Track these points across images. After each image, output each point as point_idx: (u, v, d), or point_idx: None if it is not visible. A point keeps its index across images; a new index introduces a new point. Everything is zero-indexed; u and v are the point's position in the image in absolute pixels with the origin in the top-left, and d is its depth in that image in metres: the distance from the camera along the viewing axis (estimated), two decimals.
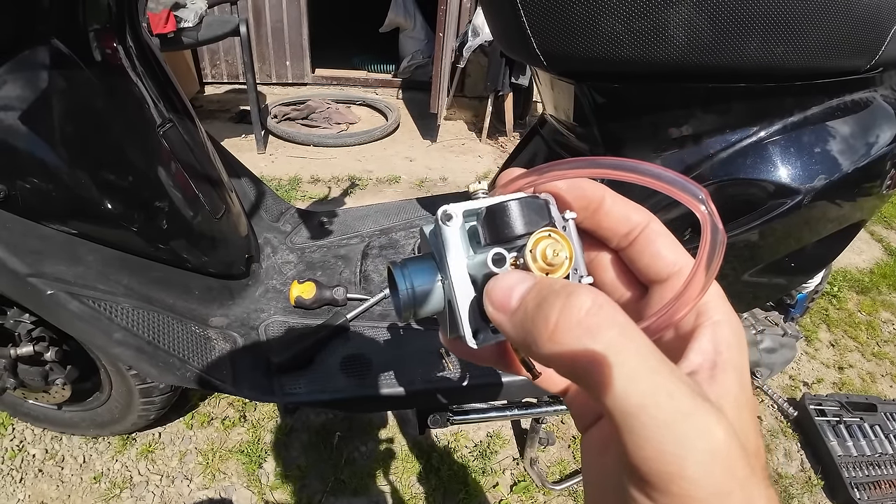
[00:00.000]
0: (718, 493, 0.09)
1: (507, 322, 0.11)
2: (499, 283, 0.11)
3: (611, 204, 0.13)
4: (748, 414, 0.11)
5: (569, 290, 0.10)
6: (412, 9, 2.41)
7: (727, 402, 0.11)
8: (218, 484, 0.78)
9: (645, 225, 0.13)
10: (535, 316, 0.10)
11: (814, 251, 0.51)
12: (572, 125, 0.54)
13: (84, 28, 0.49)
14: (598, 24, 0.38)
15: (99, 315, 0.45)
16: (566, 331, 0.09)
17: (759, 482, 0.09)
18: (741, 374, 0.11)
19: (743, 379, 0.11)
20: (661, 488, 0.09)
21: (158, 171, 0.55)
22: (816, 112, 0.45)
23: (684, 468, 0.08)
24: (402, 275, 0.13)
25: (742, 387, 0.11)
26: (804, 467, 0.89)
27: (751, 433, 0.11)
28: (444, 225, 0.12)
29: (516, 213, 0.12)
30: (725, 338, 0.11)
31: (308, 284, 0.63)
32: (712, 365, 0.11)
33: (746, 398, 0.11)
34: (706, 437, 0.09)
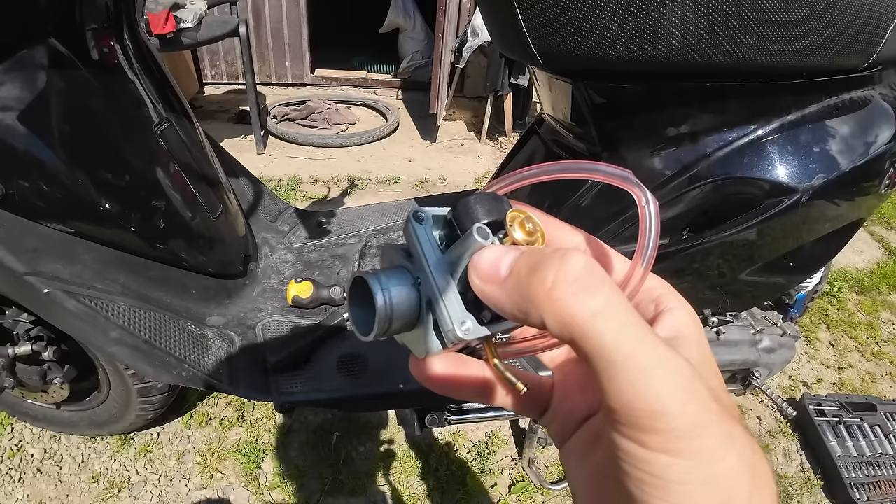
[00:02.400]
0: (697, 425, 0.10)
1: (499, 291, 0.11)
2: (484, 257, 0.11)
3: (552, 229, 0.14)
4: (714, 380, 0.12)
5: (562, 253, 0.11)
6: (412, 9, 2.41)
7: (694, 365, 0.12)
8: (216, 484, 0.78)
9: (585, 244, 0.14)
10: (530, 279, 0.11)
11: (812, 250, 0.51)
12: (570, 124, 0.54)
13: (81, 28, 0.49)
14: (595, 23, 0.38)
15: (96, 314, 0.45)
16: (564, 288, 0.10)
17: (736, 423, 0.10)
18: (701, 349, 0.13)
19: (703, 353, 0.13)
20: (647, 428, 0.10)
21: (156, 171, 0.55)
22: (814, 110, 0.45)
23: (666, 405, 0.09)
24: (378, 281, 0.12)
25: (704, 358, 0.12)
26: (804, 467, 0.89)
27: (721, 393, 0.12)
28: (416, 223, 0.12)
29: (482, 202, 0.12)
30: (682, 319, 0.13)
31: (305, 284, 0.63)
32: (673, 338, 0.13)
33: (711, 368, 0.12)
34: (681, 377, 0.10)
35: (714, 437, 0.10)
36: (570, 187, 0.53)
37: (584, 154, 0.53)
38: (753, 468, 0.10)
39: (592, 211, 0.51)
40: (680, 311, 0.13)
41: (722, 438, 0.10)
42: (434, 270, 0.12)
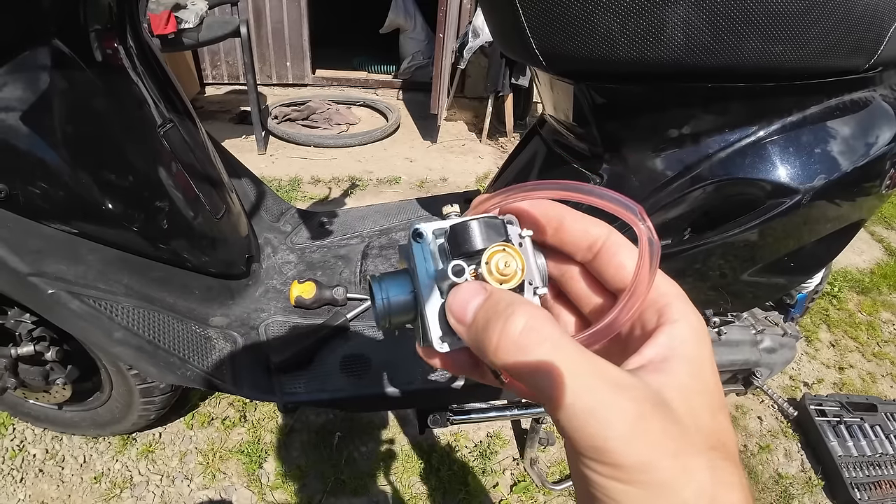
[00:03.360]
0: (645, 462, 0.10)
1: (465, 332, 0.13)
2: (457, 297, 0.13)
3: (570, 222, 0.14)
4: (701, 399, 0.12)
5: (508, 313, 0.12)
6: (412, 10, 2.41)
7: (672, 388, 0.12)
8: (218, 484, 0.78)
9: (605, 238, 0.15)
10: (483, 334, 0.12)
11: (813, 251, 0.51)
12: (571, 125, 0.54)
13: (85, 29, 0.49)
14: (597, 24, 0.39)
15: (99, 314, 0.45)
16: (505, 349, 0.12)
17: (699, 455, 0.11)
18: (695, 366, 0.13)
19: (697, 369, 0.13)
20: (600, 461, 0.11)
21: (159, 172, 0.55)
22: (815, 112, 0.45)
23: (607, 443, 0.10)
24: (380, 287, 0.14)
25: (694, 376, 0.12)
26: (804, 467, 0.89)
27: (703, 415, 0.12)
28: (414, 242, 0.14)
29: (475, 231, 0.13)
30: (681, 334, 0.13)
31: (308, 284, 0.63)
32: (664, 358, 0.13)
33: (701, 386, 0.12)
34: (625, 419, 0.11)
35: (666, 472, 0.10)
36: None
37: (586, 154, 0.53)
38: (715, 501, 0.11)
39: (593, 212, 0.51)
40: (682, 325, 0.13)
41: (676, 473, 0.10)
42: (424, 289, 0.13)
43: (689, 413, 0.12)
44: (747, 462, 0.89)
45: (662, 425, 0.11)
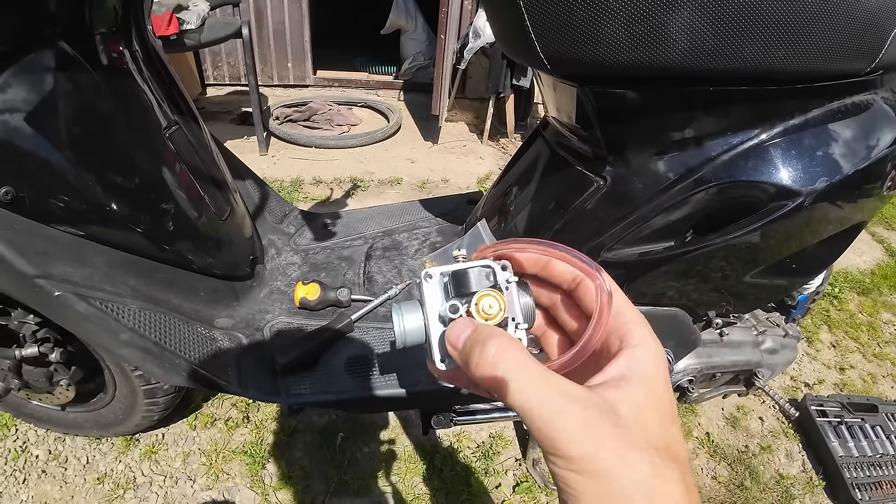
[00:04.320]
0: (589, 454, 0.13)
1: (458, 356, 0.16)
2: (452, 330, 0.17)
3: (556, 262, 0.18)
4: (652, 413, 0.15)
5: (484, 341, 0.15)
6: (413, 11, 2.42)
7: (625, 402, 0.15)
8: (221, 485, 0.78)
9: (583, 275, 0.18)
10: (468, 356, 0.16)
11: (815, 252, 0.51)
12: (575, 127, 0.54)
13: (91, 31, 0.49)
14: (602, 28, 0.39)
15: (106, 316, 0.45)
16: (482, 367, 0.15)
17: (640, 451, 0.14)
18: (649, 385, 0.15)
19: (650, 388, 0.15)
20: (556, 455, 0.14)
21: (164, 174, 0.56)
22: (817, 115, 0.46)
23: (560, 441, 0.14)
24: (399, 316, 0.18)
25: (647, 393, 0.15)
26: (806, 468, 0.89)
27: (653, 426, 0.15)
28: (425, 282, 0.17)
29: (471, 278, 0.17)
30: (639, 358, 0.16)
31: (312, 286, 0.63)
32: (622, 377, 0.15)
33: (653, 403, 0.15)
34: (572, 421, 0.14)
35: (607, 462, 0.13)
36: (575, 191, 0.53)
37: (589, 156, 0.53)
38: (652, 490, 0.13)
39: (597, 214, 0.52)
40: (640, 350, 0.16)
41: (616, 463, 0.13)
42: (430, 320, 0.17)
43: (638, 423, 0.14)
44: (748, 462, 0.89)
45: (607, 428, 0.14)
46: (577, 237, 0.53)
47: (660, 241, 0.50)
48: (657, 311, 0.55)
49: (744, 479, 0.86)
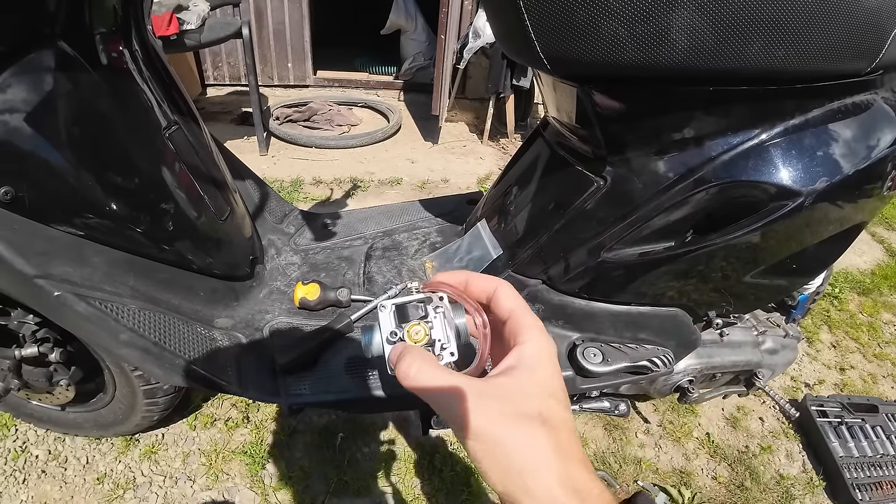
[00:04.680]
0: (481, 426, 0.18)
1: (395, 370, 0.21)
2: (392, 351, 0.21)
3: (474, 281, 0.23)
4: (533, 393, 0.19)
5: (403, 358, 0.20)
6: (413, 11, 2.42)
7: (512, 387, 0.19)
8: (221, 485, 0.78)
9: (495, 288, 0.22)
10: (397, 370, 0.20)
11: (815, 253, 0.51)
12: (575, 127, 0.54)
13: (90, 31, 0.49)
14: (602, 29, 0.39)
15: (106, 316, 0.45)
16: (405, 379, 0.20)
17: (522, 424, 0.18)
18: (533, 372, 0.20)
19: (534, 374, 0.20)
20: (462, 434, 0.19)
21: (164, 174, 0.56)
22: (817, 115, 0.46)
23: (461, 422, 0.18)
24: (364, 336, 0.23)
25: (532, 378, 0.19)
26: (806, 468, 0.89)
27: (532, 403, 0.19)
28: (380, 311, 0.22)
29: (408, 310, 0.22)
30: (528, 352, 0.20)
31: (312, 286, 0.63)
32: (512, 367, 0.20)
33: (535, 385, 0.19)
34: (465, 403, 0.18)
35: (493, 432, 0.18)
36: (575, 191, 0.53)
37: (589, 156, 0.53)
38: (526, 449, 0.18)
39: (598, 214, 0.52)
40: (529, 345, 0.20)
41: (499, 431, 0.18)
42: (384, 341, 0.22)
43: (521, 400, 0.19)
44: (749, 463, 0.89)
45: (495, 407, 0.18)
46: (577, 237, 0.53)
47: (660, 241, 0.50)
48: (657, 312, 0.55)
49: (744, 480, 0.86)
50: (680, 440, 0.91)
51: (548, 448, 0.18)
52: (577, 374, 0.53)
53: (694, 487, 0.84)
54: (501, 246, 0.62)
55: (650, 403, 0.97)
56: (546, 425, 0.18)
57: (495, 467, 0.18)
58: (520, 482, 0.17)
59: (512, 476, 0.18)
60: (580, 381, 0.54)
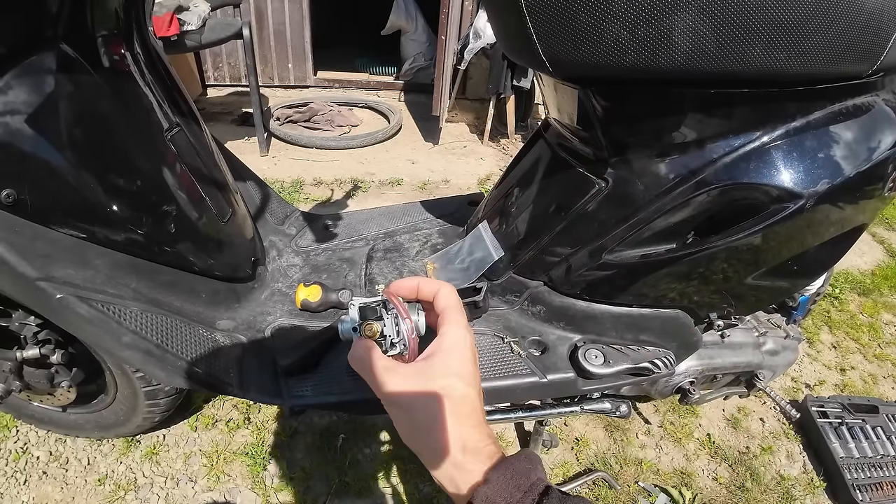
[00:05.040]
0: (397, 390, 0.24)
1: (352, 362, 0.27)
2: (353, 346, 0.27)
3: (423, 286, 0.28)
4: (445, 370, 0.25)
5: (352, 352, 0.26)
6: (414, 12, 2.42)
7: (426, 370, 0.25)
8: (222, 486, 0.78)
9: (437, 290, 0.28)
10: (351, 360, 0.26)
11: (816, 254, 0.51)
12: (576, 129, 0.54)
13: (92, 33, 0.49)
14: (604, 31, 0.39)
15: (108, 318, 0.45)
16: (349, 360, 0.27)
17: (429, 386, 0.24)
18: (448, 359, 0.25)
19: (449, 361, 0.25)
20: (385, 400, 0.25)
21: (166, 176, 0.56)
22: (819, 117, 0.46)
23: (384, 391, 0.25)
24: (340, 324, 0.29)
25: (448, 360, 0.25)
26: (806, 469, 0.89)
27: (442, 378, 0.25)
28: (350, 308, 0.28)
29: (366, 310, 0.28)
30: (448, 338, 0.26)
31: (314, 287, 0.63)
32: (433, 353, 0.26)
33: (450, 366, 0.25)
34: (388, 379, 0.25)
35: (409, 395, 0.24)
36: (576, 193, 0.53)
37: (591, 158, 0.53)
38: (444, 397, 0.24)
39: (599, 216, 0.52)
40: (446, 337, 0.26)
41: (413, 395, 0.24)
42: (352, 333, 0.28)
43: (431, 378, 0.24)
44: (749, 464, 0.89)
45: (410, 382, 0.24)
46: (578, 239, 0.53)
47: (661, 243, 0.50)
48: (659, 313, 0.55)
49: (745, 481, 0.86)
50: (681, 441, 0.91)
51: (444, 414, 0.23)
52: (578, 375, 0.53)
53: (695, 488, 0.84)
54: (503, 247, 0.62)
55: (651, 404, 0.97)
56: (448, 398, 0.24)
57: (404, 427, 0.24)
58: (421, 439, 0.24)
59: (416, 434, 0.24)
60: (582, 382, 0.54)
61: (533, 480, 0.23)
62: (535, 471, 0.23)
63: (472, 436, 0.24)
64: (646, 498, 0.81)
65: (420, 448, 0.24)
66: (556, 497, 0.22)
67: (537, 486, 0.23)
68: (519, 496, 0.22)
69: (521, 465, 0.23)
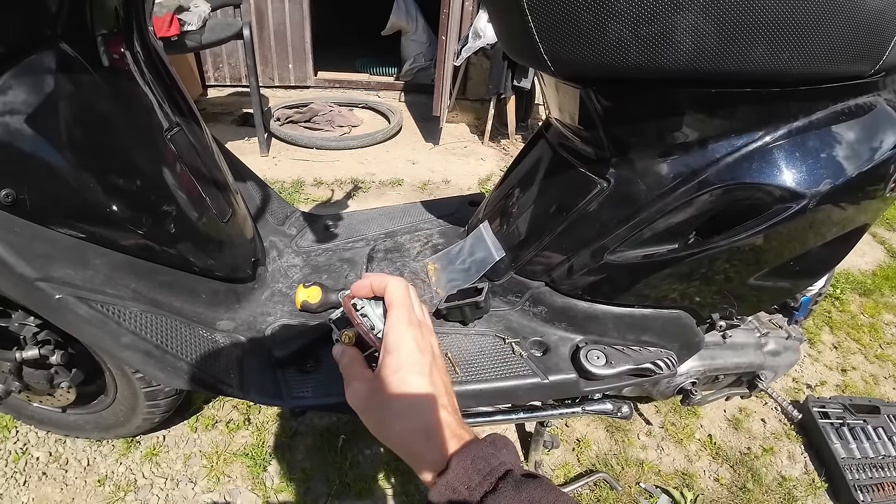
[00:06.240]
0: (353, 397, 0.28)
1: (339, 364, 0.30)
2: (335, 349, 0.30)
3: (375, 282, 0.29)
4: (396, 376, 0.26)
5: (338, 357, 0.30)
6: (414, 12, 2.42)
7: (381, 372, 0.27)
8: (223, 487, 0.78)
9: (386, 284, 0.29)
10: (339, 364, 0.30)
11: (819, 255, 0.51)
12: (578, 129, 0.54)
13: (92, 32, 0.49)
14: (607, 30, 0.39)
15: (107, 319, 0.45)
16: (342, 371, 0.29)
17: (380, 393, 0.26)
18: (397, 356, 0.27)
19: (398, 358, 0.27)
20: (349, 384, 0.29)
21: (166, 175, 0.55)
22: (821, 117, 0.46)
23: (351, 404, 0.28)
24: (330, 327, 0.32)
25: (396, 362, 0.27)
26: (808, 470, 0.89)
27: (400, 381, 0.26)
28: (332, 315, 0.32)
29: (344, 320, 0.31)
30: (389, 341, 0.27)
31: (314, 289, 0.63)
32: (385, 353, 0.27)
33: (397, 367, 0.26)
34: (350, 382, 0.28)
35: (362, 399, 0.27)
36: (578, 193, 0.53)
37: (592, 158, 0.53)
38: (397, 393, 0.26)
39: (601, 216, 0.51)
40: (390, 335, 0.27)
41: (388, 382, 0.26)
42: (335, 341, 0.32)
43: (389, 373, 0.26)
44: (751, 464, 0.89)
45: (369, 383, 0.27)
46: (580, 239, 0.53)
47: (664, 244, 0.50)
48: (661, 314, 0.55)
49: (746, 481, 0.86)
50: (682, 442, 0.91)
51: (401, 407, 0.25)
52: (580, 376, 0.53)
53: (696, 489, 0.84)
54: (504, 248, 0.62)
55: (652, 405, 0.97)
56: (400, 392, 0.25)
57: (369, 421, 0.27)
58: (381, 431, 0.26)
59: (379, 427, 0.26)
60: (583, 383, 0.54)
61: (493, 465, 0.23)
62: (497, 455, 0.23)
63: (433, 423, 0.25)
64: (647, 499, 0.81)
65: (383, 438, 0.26)
66: (512, 480, 0.22)
67: (498, 469, 0.22)
68: (478, 480, 0.22)
69: (483, 450, 0.23)
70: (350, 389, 0.27)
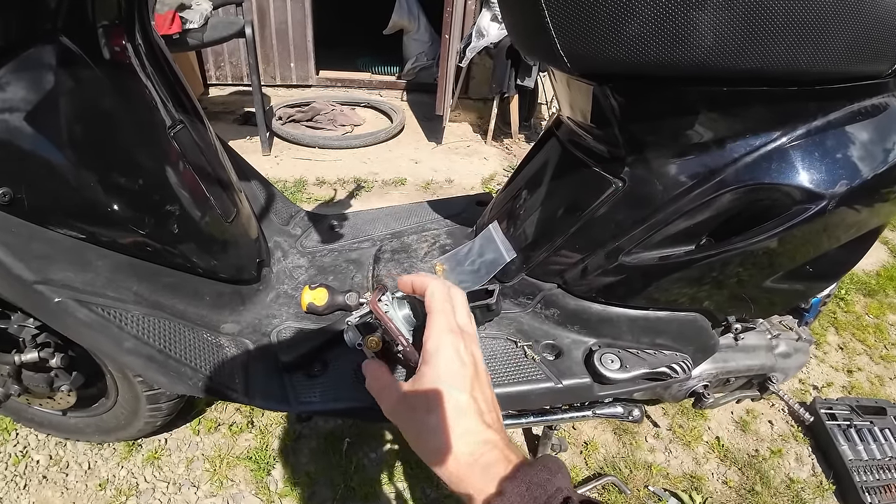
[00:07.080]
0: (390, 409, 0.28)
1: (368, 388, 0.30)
2: (366, 364, 0.30)
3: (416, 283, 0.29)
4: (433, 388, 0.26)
5: (367, 372, 0.30)
6: (416, 11, 2.40)
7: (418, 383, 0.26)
8: (226, 491, 0.76)
9: (426, 287, 0.29)
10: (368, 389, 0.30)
11: (835, 257, 0.50)
12: (591, 127, 0.53)
13: (93, 25, 0.47)
14: (626, 26, 0.38)
15: (108, 323, 0.44)
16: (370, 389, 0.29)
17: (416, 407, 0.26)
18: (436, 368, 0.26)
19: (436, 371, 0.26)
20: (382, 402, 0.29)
21: (169, 174, 0.54)
22: (838, 116, 0.45)
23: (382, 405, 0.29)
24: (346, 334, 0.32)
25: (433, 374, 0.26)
26: (816, 472, 0.89)
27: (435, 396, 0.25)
28: (345, 333, 0.32)
29: (367, 326, 0.30)
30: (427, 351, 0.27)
31: (320, 290, 0.62)
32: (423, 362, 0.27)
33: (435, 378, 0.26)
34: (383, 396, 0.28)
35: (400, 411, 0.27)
36: (592, 193, 0.52)
37: (605, 157, 0.52)
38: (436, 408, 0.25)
39: (616, 216, 0.50)
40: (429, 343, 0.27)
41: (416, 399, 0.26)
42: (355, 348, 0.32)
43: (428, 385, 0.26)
44: (759, 467, 0.88)
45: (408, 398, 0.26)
46: (594, 240, 0.52)
47: (680, 245, 0.49)
48: (676, 317, 0.54)
49: (754, 484, 0.85)
50: (690, 444, 0.90)
51: (441, 424, 0.24)
52: (594, 380, 0.52)
53: (704, 492, 0.83)
54: (514, 248, 0.61)
55: (659, 407, 0.96)
56: (439, 407, 0.25)
57: (408, 433, 0.26)
58: (420, 443, 0.26)
59: (417, 438, 0.26)
60: (598, 388, 0.53)
61: (550, 492, 0.21)
62: (553, 481, 0.22)
63: (474, 441, 0.24)
64: (656, 502, 0.80)
65: (420, 451, 0.26)
66: None
67: (555, 497, 0.21)
68: None
69: (539, 476, 0.22)
70: (382, 402, 0.27)
